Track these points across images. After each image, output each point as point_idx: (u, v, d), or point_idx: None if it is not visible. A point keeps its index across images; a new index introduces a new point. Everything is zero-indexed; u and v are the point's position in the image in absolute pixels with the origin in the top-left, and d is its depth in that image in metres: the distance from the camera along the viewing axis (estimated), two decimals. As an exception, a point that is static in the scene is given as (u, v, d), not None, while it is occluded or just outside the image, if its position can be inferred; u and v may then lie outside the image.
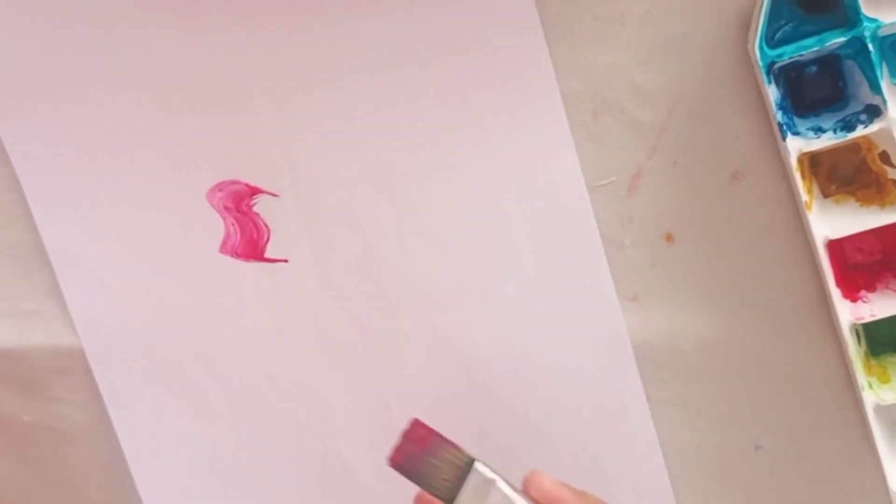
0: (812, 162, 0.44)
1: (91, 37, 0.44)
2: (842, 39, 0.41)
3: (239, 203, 0.46)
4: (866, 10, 0.41)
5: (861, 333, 0.44)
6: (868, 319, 0.43)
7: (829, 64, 0.43)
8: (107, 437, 0.48)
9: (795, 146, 0.42)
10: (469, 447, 0.40)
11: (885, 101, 0.41)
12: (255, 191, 0.46)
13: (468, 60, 0.44)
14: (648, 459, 0.46)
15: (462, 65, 0.44)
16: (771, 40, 0.42)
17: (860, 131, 0.42)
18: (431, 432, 0.38)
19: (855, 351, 0.43)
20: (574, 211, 0.45)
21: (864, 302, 0.44)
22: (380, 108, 0.45)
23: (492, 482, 0.36)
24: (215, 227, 0.46)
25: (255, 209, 0.46)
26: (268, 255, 0.46)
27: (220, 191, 0.46)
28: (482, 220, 0.46)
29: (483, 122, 0.45)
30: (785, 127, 0.42)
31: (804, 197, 0.43)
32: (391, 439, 0.43)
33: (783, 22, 0.42)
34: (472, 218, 0.46)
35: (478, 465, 0.37)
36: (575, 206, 0.45)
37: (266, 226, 0.46)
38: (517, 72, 0.44)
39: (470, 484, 0.37)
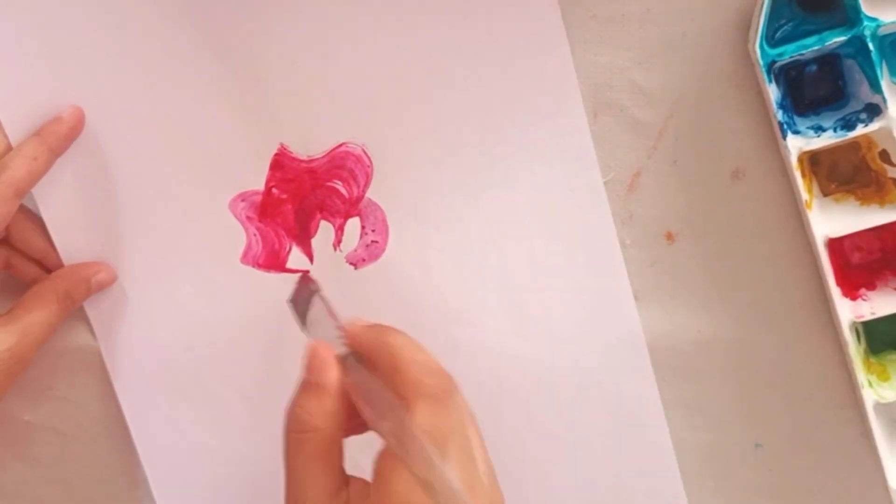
0: (812, 161, 0.44)
1: (109, 46, 0.44)
2: (842, 38, 0.41)
3: (262, 213, 0.46)
4: (866, 9, 0.41)
5: (861, 332, 0.44)
6: (868, 318, 0.43)
7: (830, 63, 0.43)
8: (107, 436, 0.48)
9: (795, 145, 0.43)
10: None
11: (885, 100, 0.41)
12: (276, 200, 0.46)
13: (487, 69, 0.44)
14: (665, 474, 0.46)
15: (481, 74, 0.44)
16: (771, 39, 0.42)
17: (860, 130, 0.42)
18: (308, 280, 0.44)
19: (855, 349, 0.43)
20: (595, 224, 0.45)
21: (864, 300, 0.44)
22: (400, 121, 0.45)
23: (321, 302, 0.41)
24: (237, 236, 0.46)
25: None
26: (289, 265, 0.46)
27: (242, 200, 0.46)
28: (503, 235, 0.45)
29: (507, 140, 0.45)
30: (785, 126, 0.43)
31: (804, 196, 0.43)
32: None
33: (783, 21, 0.42)
34: (493, 233, 0.45)
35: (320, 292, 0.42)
36: (596, 221, 0.45)
37: (288, 236, 0.46)
38: (538, 79, 0.44)
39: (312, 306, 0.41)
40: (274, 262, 0.46)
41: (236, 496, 0.48)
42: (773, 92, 0.42)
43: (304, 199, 0.46)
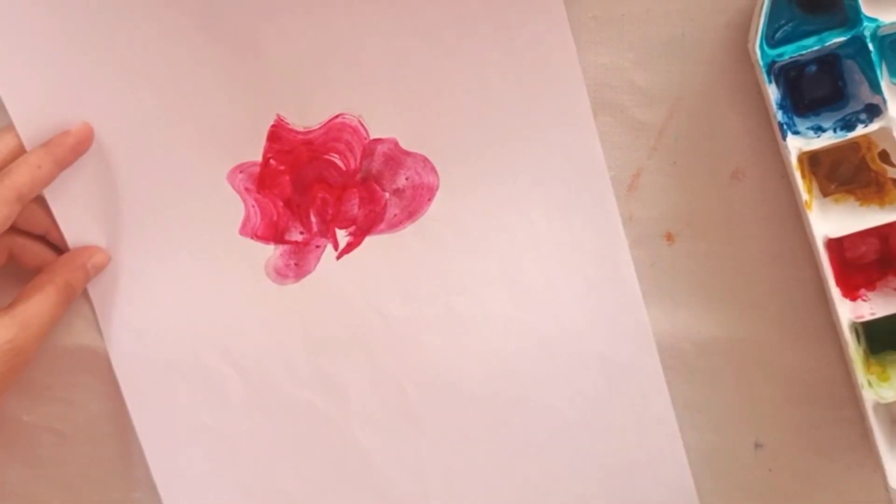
0: (812, 161, 0.44)
1: (103, 21, 0.44)
2: (842, 39, 0.41)
3: (260, 184, 0.46)
4: (866, 9, 0.41)
5: (860, 332, 0.44)
6: (868, 318, 0.43)
7: (829, 63, 0.43)
8: (107, 437, 0.48)
9: (795, 145, 0.43)
10: (487, 434, 0.46)
11: (884, 101, 0.41)
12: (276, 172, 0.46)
13: (491, 48, 0.44)
14: (668, 446, 0.46)
15: (485, 52, 0.44)
16: (771, 40, 0.42)
17: (860, 130, 0.42)
18: None
19: (854, 349, 0.43)
20: (595, 197, 0.45)
21: (864, 300, 0.44)
22: (400, 96, 0.45)
23: None
24: (236, 208, 0.46)
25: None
26: (288, 237, 0.46)
27: (240, 172, 0.46)
28: (503, 205, 0.45)
29: (505, 109, 0.45)
30: (785, 126, 0.43)
31: (804, 196, 0.43)
32: (409, 426, 0.43)
33: (783, 21, 0.43)
34: (492, 203, 0.45)
35: None
36: (596, 191, 0.45)
37: (286, 207, 0.46)
38: (540, 60, 0.44)
39: None
40: (272, 233, 0.46)
41: (232, 471, 0.48)
42: (772, 92, 0.42)
43: (301, 170, 0.46)
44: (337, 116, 0.45)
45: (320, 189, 0.46)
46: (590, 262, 0.45)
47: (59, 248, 0.46)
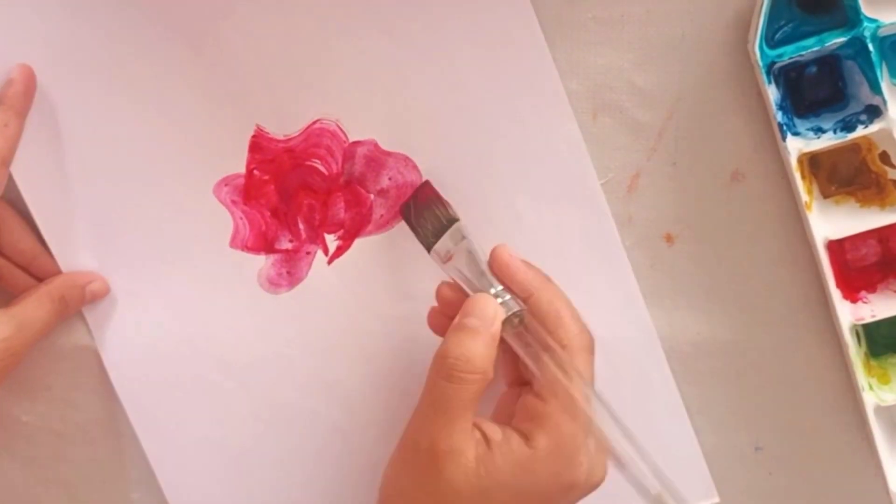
0: (812, 162, 0.44)
1: (88, 36, 0.44)
2: (842, 39, 0.41)
3: (246, 196, 0.46)
4: (866, 10, 0.41)
5: (861, 334, 0.44)
6: (868, 320, 0.43)
7: (829, 64, 0.43)
8: (106, 438, 0.48)
9: (795, 146, 0.42)
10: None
11: (885, 102, 0.41)
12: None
13: (461, 43, 0.44)
14: (675, 424, 0.46)
15: (456, 48, 0.44)
16: (771, 40, 0.42)
17: (860, 132, 0.42)
18: (433, 192, 0.44)
19: (855, 352, 0.43)
20: (580, 183, 0.45)
21: (865, 302, 0.44)
22: (375, 97, 0.45)
23: (462, 238, 0.42)
24: (224, 222, 0.46)
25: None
26: (278, 245, 0.46)
27: (226, 185, 0.46)
28: (488, 199, 0.45)
29: (480, 104, 0.45)
30: (785, 127, 0.42)
31: (804, 197, 0.43)
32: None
33: (783, 22, 0.42)
34: (478, 197, 0.45)
35: (459, 224, 0.43)
36: (580, 177, 0.45)
37: (273, 216, 0.46)
38: (511, 52, 0.44)
39: (446, 236, 0.43)
40: (262, 243, 0.46)
41: (240, 483, 0.48)
42: (772, 93, 0.42)
43: (285, 178, 0.46)
44: (315, 122, 0.45)
45: (305, 195, 0.46)
46: (581, 252, 0.45)
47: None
